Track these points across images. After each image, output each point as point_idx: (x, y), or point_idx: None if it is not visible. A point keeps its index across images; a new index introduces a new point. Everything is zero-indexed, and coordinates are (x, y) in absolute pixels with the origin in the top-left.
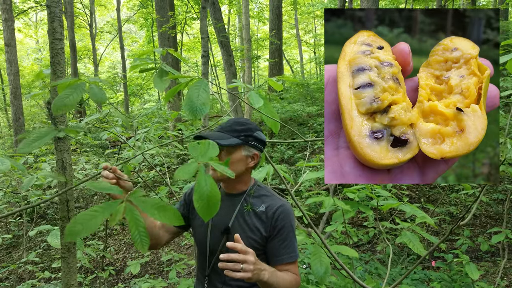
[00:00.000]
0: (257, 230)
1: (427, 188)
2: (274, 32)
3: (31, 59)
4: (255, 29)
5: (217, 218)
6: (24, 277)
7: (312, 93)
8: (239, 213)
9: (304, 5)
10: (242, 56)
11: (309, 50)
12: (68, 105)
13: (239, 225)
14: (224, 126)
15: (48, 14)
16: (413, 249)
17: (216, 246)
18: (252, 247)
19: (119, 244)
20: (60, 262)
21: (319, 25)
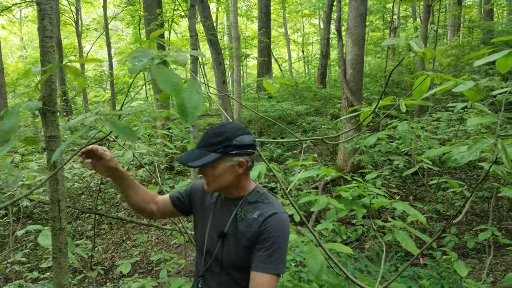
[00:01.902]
0: (245, 238)
1: (414, 186)
2: (263, 31)
3: (15, 57)
4: (244, 27)
5: (216, 220)
6: (11, 277)
7: (301, 92)
8: (234, 219)
9: (292, 3)
10: (230, 54)
11: (297, 49)
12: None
13: (232, 231)
14: (203, 140)
15: (38, 12)
16: (406, 247)
17: (212, 248)
18: (243, 254)
19: (107, 243)
20: (48, 262)
21: (307, 24)
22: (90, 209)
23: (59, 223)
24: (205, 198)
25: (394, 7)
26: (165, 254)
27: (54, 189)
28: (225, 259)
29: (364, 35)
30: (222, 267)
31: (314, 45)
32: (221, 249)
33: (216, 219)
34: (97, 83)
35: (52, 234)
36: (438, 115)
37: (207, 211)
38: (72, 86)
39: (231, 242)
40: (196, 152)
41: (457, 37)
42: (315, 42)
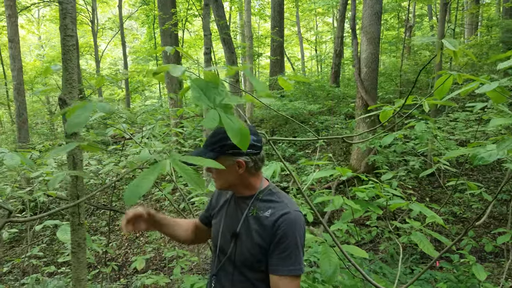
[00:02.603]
0: (258, 236)
1: (430, 187)
2: (276, 30)
3: (33, 55)
4: (256, 26)
5: (228, 219)
6: (28, 271)
7: (314, 91)
8: (246, 217)
9: (306, 2)
10: (243, 53)
11: (310, 47)
12: (80, 123)
13: (245, 230)
14: (206, 140)
15: (60, 11)
16: (424, 249)
17: (225, 247)
18: (256, 254)
19: (121, 239)
20: (64, 257)
21: (321, 23)
22: (105, 206)
23: (78, 218)
24: (220, 198)
25: (410, 5)
26: (179, 251)
27: (74, 185)
28: (238, 258)
29: (379, 34)
30: (235, 266)
31: (327, 43)
32: (234, 249)
33: (229, 218)
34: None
35: (71, 229)
36: (456, 115)
37: (221, 210)
38: (88, 84)
39: (243, 241)
40: (200, 151)
41: (475, 35)
42: (328, 40)
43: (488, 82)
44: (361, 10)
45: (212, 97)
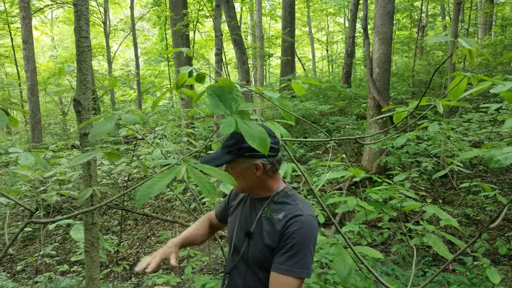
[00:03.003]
0: (269, 238)
1: (442, 189)
2: (287, 30)
3: (46, 56)
4: (267, 26)
5: (243, 219)
6: (41, 269)
7: (325, 91)
8: (260, 218)
9: (317, 2)
10: (254, 54)
11: (321, 47)
12: (103, 133)
13: (258, 230)
14: (224, 142)
15: (75, 13)
16: (438, 251)
17: (239, 246)
18: (266, 254)
19: (132, 239)
20: (77, 256)
21: (332, 23)
22: (117, 205)
23: (92, 218)
24: (236, 197)
25: (422, 5)
26: (190, 251)
27: (88, 185)
28: (251, 258)
29: (391, 34)
30: (248, 265)
31: (338, 43)
32: (247, 248)
33: (243, 218)
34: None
35: (84, 228)
36: (469, 116)
37: (237, 209)
38: (101, 84)
39: (256, 241)
40: (218, 153)
41: (489, 35)
42: (339, 40)
43: (502, 83)
44: (373, 10)
45: (228, 103)
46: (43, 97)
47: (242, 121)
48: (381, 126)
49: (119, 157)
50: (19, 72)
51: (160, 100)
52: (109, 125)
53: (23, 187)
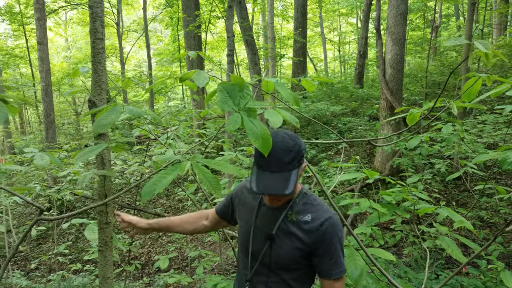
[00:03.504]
0: (299, 240)
1: (456, 191)
2: (299, 31)
3: (60, 57)
4: (279, 27)
5: (260, 223)
6: (54, 268)
7: (337, 92)
8: (283, 221)
9: (329, 3)
10: (266, 54)
11: (334, 48)
12: (107, 125)
13: (282, 233)
14: (274, 161)
15: (90, 15)
16: (452, 254)
17: (258, 251)
18: (294, 256)
19: (144, 238)
20: (90, 255)
21: (344, 23)
22: (129, 205)
23: (106, 217)
24: (246, 200)
25: (436, 5)
26: (202, 251)
27: (102, 184)
28: (274, 260)
29: (404, 34)
30: (270, 269)
31: (351, 44)
32: (268, 251)
33: (261, 221)
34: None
35: (98, 228)
36: (484, 117)
37: (250, 213)
38: (114, 85)
39: (280, 244)
40: (276, 177)
41: (504, 36)
42: (352, 41)
43: None
44: (386, 10)
45: (237, 100)
46: (57, 97)
47: (248, 119)
48: (394, 127)
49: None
50: (34, 73)
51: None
52: (113, 117)
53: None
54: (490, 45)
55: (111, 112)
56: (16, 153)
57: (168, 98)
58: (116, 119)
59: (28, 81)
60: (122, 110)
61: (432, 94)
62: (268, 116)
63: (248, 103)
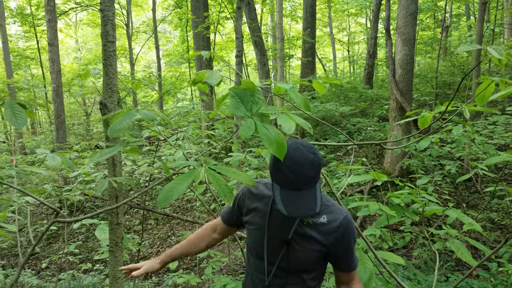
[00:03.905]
0: (317, 242)
1: (466, 193)
2: (308, 31)
3: (70, 58)
4: (288, 27)
5: (274, 228)
6: (64, 267)
7: (346, 92)
8: (298, 225)
9: (338, 3)
10: (274, 55)
11: (343, 48)
12: (122, 129)
13: (299, 237)
14: (299, 179)
15: (102, 18)
16: (462, 257)
17: (274, 256)
18: (313, 258)
19: (153, 238)
20: (100, 255)
21: (354, 23)
22: (139, 205)
23: (117, 218)
24: (255, 205)
25: (447, 5)
26: (210, 252)
27: (113, 185)
28: (293, 264)
29: (414, 34)
30: (289, 272)
31: (360, 44)
32: (286, 255)
33: (275, 226)
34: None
35: (109, 228)
36: (495, 118)
37: (262, 218)
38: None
39: (297, 247)
40: (303, 195)
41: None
42: (361, 41)
43: None
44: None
45: (249, 106)
46: (67, 98)
47: (261, 124)
48: (404, 128)
49: (137, 153)
50: (44, 74)
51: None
52: (127, 122)
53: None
54: (503, 50)
55: (126, 117)
56: (27, 153)
57: (177, 99)
58: (130, 123)
59: (39, 82)
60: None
61: (442, 95)
62: (281, 122)
63: (261, 108)
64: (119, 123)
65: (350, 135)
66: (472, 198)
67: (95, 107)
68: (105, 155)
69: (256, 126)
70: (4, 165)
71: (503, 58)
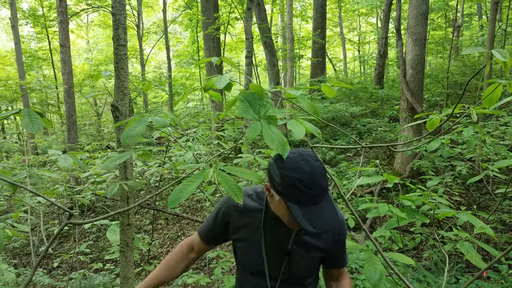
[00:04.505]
0: (316, 248)
1: (477, 194)
2: (318, 32)
3: (82, 59)
4: (298, 27)
5: (271, 241)
6: (75, 266)
7: (356, 92)
8: (296, 234)
9: (349, 3)
10: (284, 55)
11: (353, 48)
12: (135, 136)
13: (297, 246)
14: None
15: (113, 22)
16: (471, 260)
17: (275, 269)
18: (314, 264)
19: (163, 238)
20: (111, 255)
21: (364, 23)
22: (149, 205)
23: (127, 219)
24: (243, 221)
25: (458, 4)
26: (220, 252)
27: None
28: (294, 274)
29: (425, 34)
30: (291, 283)
31: (370, 44)
32: (287, 267)
33: (271, 239)
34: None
35: (120, 229)
36: (506, 119)
37: (253, 233)
38: (134, 87)
39: (297, 257)
40: (324, 207)
41: None
42: (372, 41)
43: None
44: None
45: (257, 109)
46: (78, 99)
47: (267, 126)
48: (414, 129)
49: (149, 157)
50: (56, 74)
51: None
52: (140, 128)
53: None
54: (507, 54)
55: (139, 123)
56: (39, 154)
57: (187, 100)
58: (143, 129)
59: (51, 83)
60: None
61: (454, 95)
62: (290, 127)
63: (268, 111)
64: (132, 129)
65: (360, 136)
66: (483, 200)
67: (106, 107)
68: (117, 161)
69: (262, 128)
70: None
71: (507, 61)
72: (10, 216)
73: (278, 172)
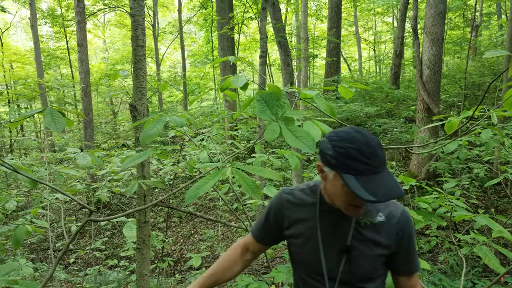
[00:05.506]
0: (379, 245)
1: (495, 197)
2: (333, 31)
3: (98, 58)
4: (312, 27)
5: (328, 237)
6: (91, 262)
7: (371, 92)
8: (355, 229)
9: (364, 1)
10: (298, 55)
11: (368, 48)
12: (153, 135)
13: (358, 242)
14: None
15: (132, 23)
16: (489, 264)
17: (334, 268)
18: (376, 264)
19: (176, 236)
20: (126, 251)
21: (380, 22)
22: (163, 203)
23: (144, 217)
24: (297, 215)
25: (477, 3)
26: None
27: (141, 185)
28: (355, 274)
29: (442, 34)
30: (352, 285)
31: (386, 43)
32: (347, 266)
33: (328, 234)
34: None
35: (137, 226)
36: None
37: (309, 228)
38: (150, 85)
39: (358, 254)
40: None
41: None
42: (387, 40)
43: None
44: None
45: (275, 110)
46: (95, 97)
47: (286, 127)
48: (431, 130)
49: (167, 157)
50: (73, 73)
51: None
52: (158, 128)
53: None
54: None
55: (157, 122)
56: (56, 151)
57: (201, 99)
58: (161, 129)
59: (68, 82)
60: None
61: (471, 96)
62: (307, 129)
63: (286, 112)
64: (151, 129)
65: (376, 137)
66: (501, 203)
67: (122, 106)
68: (136, 160)
69: (281, 129)
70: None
71: None
72: (29, 212)
73: (330, 145)
